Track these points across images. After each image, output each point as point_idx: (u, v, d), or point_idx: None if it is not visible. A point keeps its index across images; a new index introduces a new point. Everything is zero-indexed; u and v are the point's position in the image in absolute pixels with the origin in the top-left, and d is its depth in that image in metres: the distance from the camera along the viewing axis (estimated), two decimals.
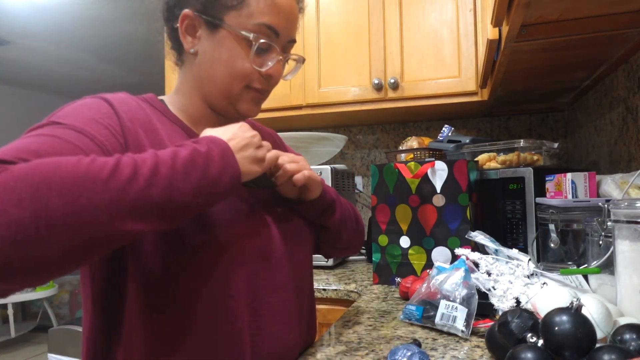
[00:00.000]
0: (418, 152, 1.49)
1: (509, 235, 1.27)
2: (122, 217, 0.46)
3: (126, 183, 0.46)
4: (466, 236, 1.04)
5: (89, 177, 0.44)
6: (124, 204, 0.46)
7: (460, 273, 0.85)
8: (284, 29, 0.70)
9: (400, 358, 0.61)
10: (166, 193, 0.49)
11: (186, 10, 0.68)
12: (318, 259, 1.54)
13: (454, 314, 0.80)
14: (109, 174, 0.46)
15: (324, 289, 1.33)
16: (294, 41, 0.74)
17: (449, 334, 0.82)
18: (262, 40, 0.68)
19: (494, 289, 0.83)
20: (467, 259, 0.89)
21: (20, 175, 0.42)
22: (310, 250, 0.82)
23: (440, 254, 1.18)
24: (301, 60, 0.79)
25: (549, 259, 1.07)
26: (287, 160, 0.70)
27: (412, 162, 1.23)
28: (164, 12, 0.73)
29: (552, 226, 1.03)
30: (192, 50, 0.70)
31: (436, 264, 0.94)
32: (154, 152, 0.52)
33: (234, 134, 0.61)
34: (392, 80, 1.68)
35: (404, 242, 1.24)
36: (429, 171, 1.19)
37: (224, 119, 0.75)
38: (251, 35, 0.67)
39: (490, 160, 1.37)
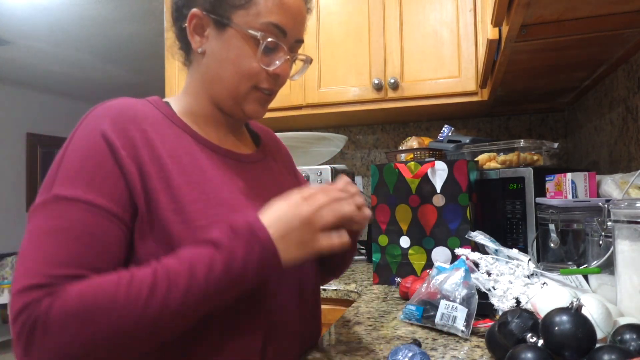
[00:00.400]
0: (418, 152, 1.49)
1: (509, 235, 1.27)
2: (158, 334, 0.53)
3: (162, 308, 0.51)
4: (466, 236, 1.04)
5: (128, 307, 0.50)
6: (161, 326, 0.52)
7: (460, 273, 0.85)
8: (292, 28, 0.70)
9: (401, 358, 0.61)
10: (200, 307, 0.54)
11: (194, 10, 0.68)
12: None
13: (454, 314, 0.80)
14: (146, 299, 0.51)
15: (324, 289, 1.33)
16: (301, 41, 0.74)
17: (449, 334, 0.82)
18: (269, 39, 0.67)
19: (494, 289, 0.83)
20: (467, 259, 0.89)
21: (69, 312, 0.49)
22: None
23: (440, 254, 1.18)
24: (309, 61, 0.78)
25: (549, 259, 1.07)
26: (353, 201, 0.63)
27: (412, 162, 1.23)
28: (173, 12, 0.73)
29: (552, 226, 1.03)
30: (200, 50, 0.70)
31: (436, 264, 0.94)
32: (189, 266, 0.53)
33: (282, 213, 0.58)
34: (392, 80, 1.68)
35: (404, 242, 1.24)
36: (429, 171, 1.19)
37: (231, 119, 0.75)
38: (259, 34, 0.67)
39: (490, 160, 1.37)
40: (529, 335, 0.58)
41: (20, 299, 0.50)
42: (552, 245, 1.03)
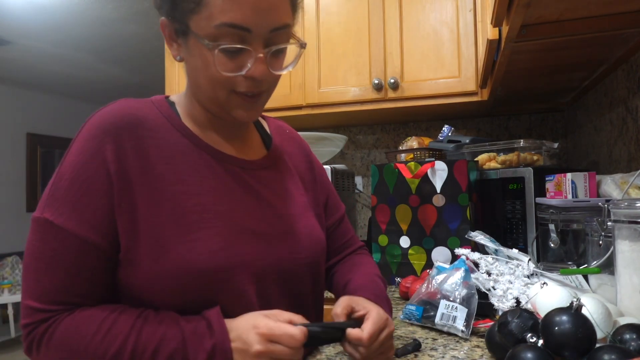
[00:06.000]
0: (418, 152, 1.49)
1: (509, 235, 1.27)
2: None
3: None
4: (466, 236, 1.04)
5: (97, 353, 0.57)
6: None
7: (460, 273, 0.85)
8: (255, 21, 0.60)
9: None
10: None
11: (162, 18, 0.65)
12: None
13: (454, 314, 0.80)
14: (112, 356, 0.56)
15: None
16: (281, 28, 0.63)
17: (449, 334, 0.82)
18: (223, 46, 0.60)
19: (494, 289, 0.83)
20: (467, 259, 0.89)
21: (58, 344, 0.58)
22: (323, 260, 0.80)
23: (440, 254, 1.18)
24: (302, 45, 0.67)
25: (549, 259, 1.07)
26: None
27: (412, 162, 1.23)
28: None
29: (552, 226, 1.03)
30: (178, 58, 0.67)
31: (436, 264, 0.94)
32: (158, 344, 0.56)
33: (240, 339, 0.57)
34: (392, 80, 1.68)
35: (404, 242, 1.24)
36: (429, 171, 1.19)
37: (228, 123, 0.72)
38: (211, 44, 0.60)
39: (490, 160, 1.37)
40: (529, 335, 0.58)
41: (26, 314, 0.59)
42: (552, 245, 1.03)
